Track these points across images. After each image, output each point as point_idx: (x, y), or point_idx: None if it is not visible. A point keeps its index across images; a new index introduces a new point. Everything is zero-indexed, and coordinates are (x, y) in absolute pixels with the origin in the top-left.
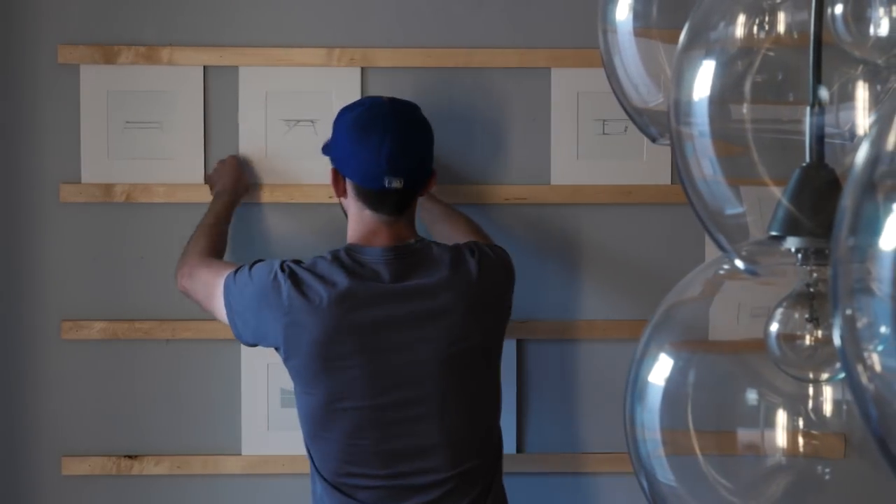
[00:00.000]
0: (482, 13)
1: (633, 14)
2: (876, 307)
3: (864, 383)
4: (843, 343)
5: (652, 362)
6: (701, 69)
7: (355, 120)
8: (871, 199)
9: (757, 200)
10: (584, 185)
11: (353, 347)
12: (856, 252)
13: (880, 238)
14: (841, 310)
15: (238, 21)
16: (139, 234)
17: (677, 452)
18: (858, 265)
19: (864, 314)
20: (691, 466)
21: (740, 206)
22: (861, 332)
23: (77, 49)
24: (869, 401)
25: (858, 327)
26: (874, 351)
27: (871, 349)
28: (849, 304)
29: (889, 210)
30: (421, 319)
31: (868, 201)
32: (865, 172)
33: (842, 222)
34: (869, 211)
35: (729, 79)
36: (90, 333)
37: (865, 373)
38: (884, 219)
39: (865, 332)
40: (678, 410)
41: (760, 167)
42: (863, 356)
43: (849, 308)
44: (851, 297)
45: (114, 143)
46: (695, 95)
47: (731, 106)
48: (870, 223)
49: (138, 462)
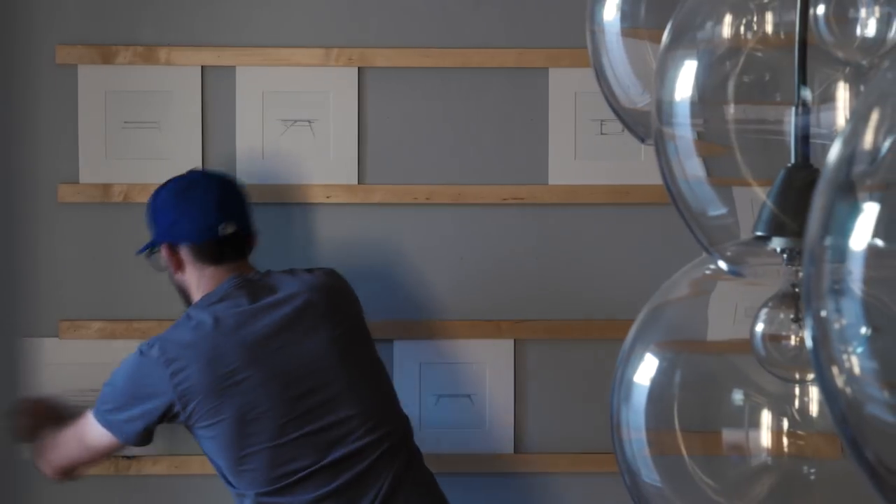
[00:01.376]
0: (480, 13)
1: (621, 14)
2: (857, 308)
3: (839, 386)
4: (817, 345)
5: (637, 362)
6: (684, 69)
7: (174, 187)
8: (851, 198)
9: (749, 202)
10: (581, 185)
11: (240, 363)
12: (834, 252)
13: (863, 238)
14: (815, 311)
15: (235, 21)
16: (137, 234)
17: (663, 452)
18: (837, 265)
19: (842, 315)
20: (677, 466)
21: (724, 207)
22: (838, 334)
23: (75, 49)
24: (844, 404)
25: (836, 329)
26: (853, 353)
27: (850, 351)
28: (825, 306)
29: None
30: (293, 321)
31: (847, 200)
32: (842, 170)
33: (817, 222)
34: (847, 210)
35: (712, 79)
36: (88, 333)
37: (841, 375)
38: (864, 218)
39: (843, 333)
40: (664, 410)
41: (744, 168)
42: (839, 359)
43: (824, 309)
44: (828, 298)
45: (112, 143)
46: (678, 95)
47: (715, 106)
48: (849, 222)
49: (136, 462)
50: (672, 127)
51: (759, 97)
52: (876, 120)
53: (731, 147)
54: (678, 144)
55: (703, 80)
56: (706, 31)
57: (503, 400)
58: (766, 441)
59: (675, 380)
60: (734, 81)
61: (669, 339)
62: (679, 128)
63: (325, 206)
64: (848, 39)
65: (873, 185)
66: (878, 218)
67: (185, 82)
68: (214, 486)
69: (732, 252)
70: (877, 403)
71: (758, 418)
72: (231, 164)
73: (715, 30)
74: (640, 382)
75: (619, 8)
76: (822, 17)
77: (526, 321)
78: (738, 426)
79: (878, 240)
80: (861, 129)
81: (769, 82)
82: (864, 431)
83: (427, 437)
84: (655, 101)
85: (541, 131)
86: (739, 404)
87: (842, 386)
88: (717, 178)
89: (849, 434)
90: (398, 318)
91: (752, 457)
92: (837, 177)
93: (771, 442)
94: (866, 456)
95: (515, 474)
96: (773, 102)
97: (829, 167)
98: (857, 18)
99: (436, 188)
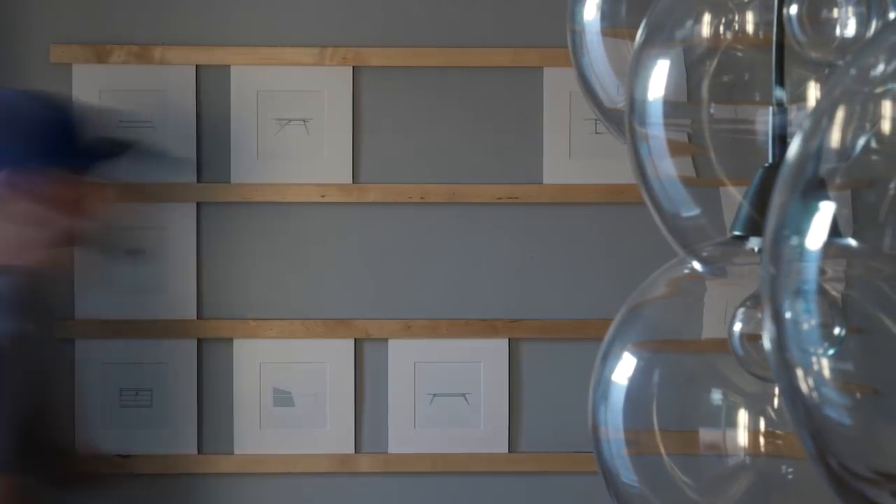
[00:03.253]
0: (474, 12)
1: (601, 14)
2: (831, 308)
3: (804, 391)
4: (780, 348)
5: (615, 362)
6: (657, 68)
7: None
8: (822, 196)
9: (723, 202)
10: (576, 184)
11: None
12: (803, 251)
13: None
14: (778, 312)
15: (230, 20)
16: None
17: (641, 452)
18: (807, 264)
19: (812, 316)
20: (655, 466)
21: (697, 208)
22: (807, 336)
23: (69, 48)
24: (809, 409)
25: (804, 330)
26: (823, 356)
27: (821, 353)
28: (791, 306)
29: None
30: None
31: (817, 198)
32: (809, 168)
33: (779, 220)
34: (815, 209)
35: (687, 78)
36: (82, 332)
37: (808, 379)
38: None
39: (813, 334)
40: (642, 410)
41: (718, 168)
42: (807, 361)
43: (790, 311)
44: (795, 298)
45: None
46: (651, 95)
47: (689, 106)
48: (819, 222)
49: (130, 461)
50: (645, 126)
51: (734, 97)
52: (843, 117)
53: (705, 147)
54: (651, 144)
55: (677, 79)
56: (680, 30)
57: (498, 399)
58: (744, 440)
59: (654, 379)
60: (708, 81)
61: (647, 339)
62: (652, 127)
63: (320, 206)
64: (821, 40)
65: (844, 183)
66: (853, 217)
67: (180, 81)
68: (207, 485)
69: (710, 252)
70: (840, 406)
71: (736, 418)
72: (225, 163)
73: (689, 29)
74: (618, 382)
75: (600, 7)
76: (795, 18)
77: (521, 320)
78: (716, 426)
79: (851, 239)
80: (827, 125)
81: (744, 82)
82: (828, 438)
83: (421, 437)
84: (628, 100)
85: (535, 130)
86: (717, 404)
87: (809, 391)
88: (690, 179)
89: (813, 441)
90: (392, 317)
91: (731, 456)
92: (804, 174)
93: (749, 441)
94: (831, 465)
95: (510, 474)
96: (748, 102)
97: (791, 164)
98: (830, 19)
99: (430, 187)
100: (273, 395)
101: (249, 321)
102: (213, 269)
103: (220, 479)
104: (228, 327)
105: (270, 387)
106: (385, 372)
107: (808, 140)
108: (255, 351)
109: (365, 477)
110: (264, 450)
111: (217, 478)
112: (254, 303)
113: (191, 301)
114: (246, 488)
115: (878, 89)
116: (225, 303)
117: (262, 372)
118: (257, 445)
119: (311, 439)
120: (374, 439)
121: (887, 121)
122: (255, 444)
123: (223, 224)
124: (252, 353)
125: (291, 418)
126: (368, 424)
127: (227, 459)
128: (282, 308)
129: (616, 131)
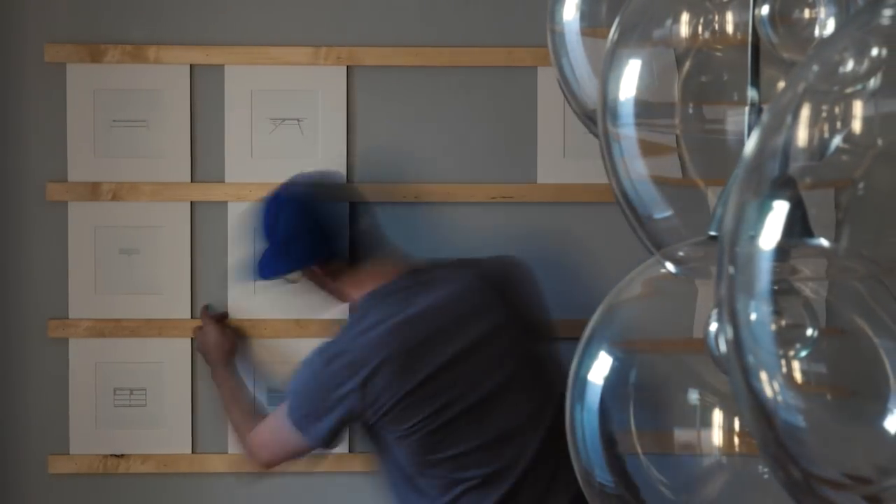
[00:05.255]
0: (469, 12)
1: (580, 14)
2: (804, 308)
3: (767, 395)
4: (739, 351)
5: (591, 362)
6: (629, 67)
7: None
8: (793, 196)
9: (695, 202)
10: (570, 183)
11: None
12: (765, 251)
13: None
14: (740, 314)
15: (224, 20)
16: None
17: (617, 452)
18: (773, 264)
19: (784, 316)
20: (631, 466)
21: (670, 209)
22: (778, 336)
23: (64, 48)
24: (771, 414)
25: (772, 331)
26: (795, 358)
27: (792, 355)
28: (757, 308)
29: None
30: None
31: (784, 198)
32: (774, 166)
33: (739, 220)
34: (780, 210)
35: (660, 78)
36: (76, 332)
37: (774, 382)
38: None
39: (784, 335)
40: (618, 410)
41: (691, 168)
42: (773, 364)
43: (755, 312)
44: (761, 300)
45: (100, 141)
46: (623, 95)
47: (662, 106)
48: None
49: (125, 461)
50: (617, 126)
51: (708, 97)
52: (809, 116)
53: (679, 147)
54: (623, 144)
55: (650, 79)
56: (653, 29)
57: None
58: (720, 440)
59: (630, 379)
60: (682, 81)
61: (624, 339)
62: (624, 127)
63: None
64: (794, 40)
65: (812, 182)
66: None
67: (174, 81)
68: (201, 484)
69: (686, 252)
70: (809, 409)
71: (711, 417)
72: (219, 162)
73: (662, 29)
74: (594, 382)
75: (579, 8)
76: (767, 18)
77: None
78: (691, 425)
79: (822, 239)
80: (793, 123)
81: (718, 82)
82: (789, 439)
83: None
84: (601, 99)
85: (529, 130)
86: (693, 404)
87: (773, 395)
88: (663, 179)
89: (776, 448)
90: None
91: (706, 456)
92: (768, 172)
93: (724, 441)
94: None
95: None
96: (722, 102)
97: (752, 161)
98: (802, 19)
99: (424, 187)
100: (267, 395)
101: (243, 321)
102: (206, 269)
103: (214, 479)
104: None
105: (264, 386)
106: None
107: (771, 137)
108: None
109: (359, 476)
110: None
111: (211, 477)
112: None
113: (185, 300)
114: (239, 488)
115: (847, 89)
116: (219, 303)
117: (255, 372)
118: None
119: None
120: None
121: (857, 121)
122: None
123: (217, 223)
124: (246, 352)
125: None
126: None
127: (221, 459)
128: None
129: (596, 131)
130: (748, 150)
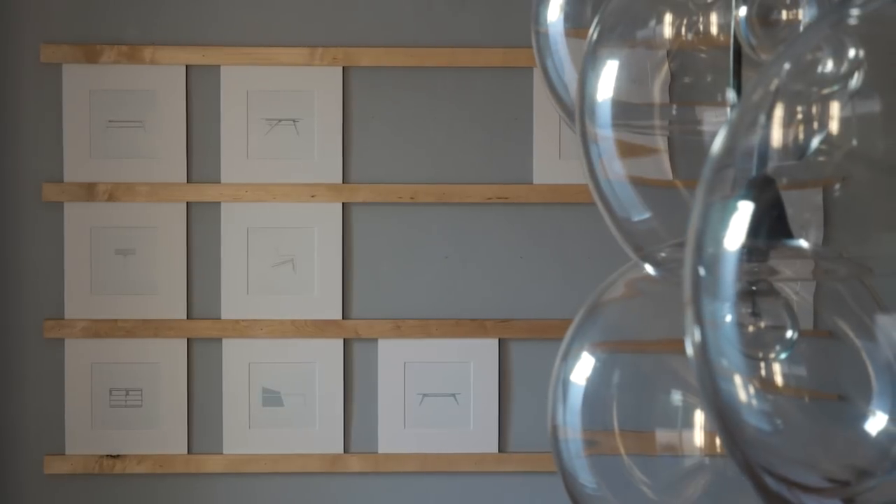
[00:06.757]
0: (465, 13)
1: (564, 15)
2: (780, 310)
3: (740, 400)
4: (707, 355)
5: (574, 362)
6: (608, 68)
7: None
8: (772, 196)
9: (674, 204)
10: (566, 184)
11: None
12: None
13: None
14: (714, 316)
15: (220, 20)
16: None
17: (600, 453)
18: (757, 265)
19: (765, 318)
20: (614, 467)
21: (648, 211)
22: (756, 339)
23: (60, 48)
24: (742, 420)
25: (750, 332)
26: (775, 360)
27: (772, 358)
28: (735, 308)
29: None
30: None
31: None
32: (749, 166)
33: (707, 221)
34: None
35: (638, 78)
36: (72, 332)
37: (750, 384)
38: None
39: (762, 337)
40: (601, 411)
41: (671, 169)
42: (753, 367)
43: (730, 313)
44: (738, 300)
45: (96, 142)
46: (601, 95)
47: (641, 106)
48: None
49: (120, 461)
50: (596, 127)
51: (687, 98)
52: (783, 114)
53: (656, 148)
54: (601, 145)
55: (628, 79)
56: (632, 30)
57: (488, 399)
58: (702, 440)
59: (613, 380)
60: (660, 81)
61: (606, 340)
62: (603, 128)
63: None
64: (772, 42)
65: (795, 182)
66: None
67: (170, 81)
68: (197, 485)
69: (667, 253)
70: (787, 414)
71: (693, 418)
72: (215, 163)
73: (642, 29)
74: (576, 382)
75: (563, 9)
76: (745, 20)
77: (511, 320)
78: (674, 426)
79: (801, 240)
80: (767, 122)
81: (696, 83)
82: (763, 445)
83: (411, 437)
84: (579, 99)
85: (525, 131)
86: (676, 404)
87: (748, 398)
88: (642, 180)
89: (749, 455)
90: (382, 317)
91: (688, 456)
92: (742, 173)
93: (706, 441)
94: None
95: (500, 474)
96: (700, 103)
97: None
98: (780, 21)
99: (420, 187)
100: (262, 395)
101: (239, 321)
102: (202, 269)
103: (210, 479)
104: (218, 327)
105: (260, 386)
106: (375, 372)
107: (741, 136)
108: (244, 351)
109: (354, 477)
110: (254, 449)
111: (206, 477)
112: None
113: (180, 301)
114: (235, 488)
115: (824, 89)
116: (214, 303)
117: (251, 372)
118: (247, 445)
119: (301, 439)
120: (364, 439)
121: (834, 122)
122: (244, 443)
123: (213, 224)
124: (241, 352)
125: (281, 418)
126: (358, 424)
127: (217, 459)
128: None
129: None
130: (716, 148)
